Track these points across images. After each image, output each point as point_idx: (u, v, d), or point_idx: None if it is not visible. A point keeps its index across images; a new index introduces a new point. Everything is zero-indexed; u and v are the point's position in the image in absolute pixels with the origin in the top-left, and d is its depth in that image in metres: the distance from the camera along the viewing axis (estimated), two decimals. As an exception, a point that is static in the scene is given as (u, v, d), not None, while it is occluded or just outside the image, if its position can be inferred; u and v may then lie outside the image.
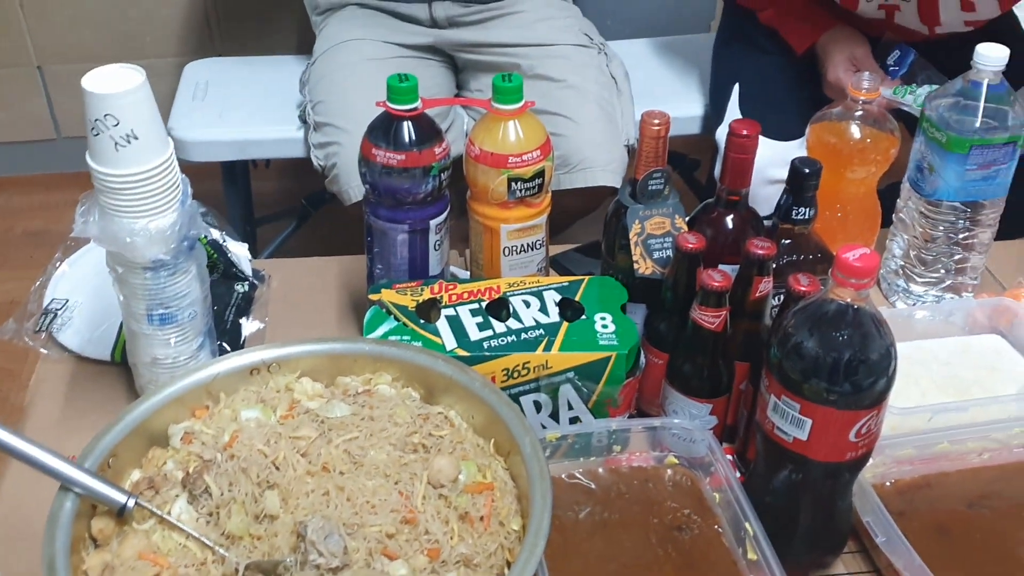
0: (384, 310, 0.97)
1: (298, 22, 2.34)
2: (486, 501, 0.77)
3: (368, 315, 0.97)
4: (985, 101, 1.10)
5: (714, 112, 1.69)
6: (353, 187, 1.53)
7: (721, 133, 1.60)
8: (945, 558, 0.84)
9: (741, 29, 1.61)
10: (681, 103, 1.90)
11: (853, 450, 0.77)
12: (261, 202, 2.22)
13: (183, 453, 0.81)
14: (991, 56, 1.08)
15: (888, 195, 1.21)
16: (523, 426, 0.80)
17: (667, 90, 1.93)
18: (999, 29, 1.39)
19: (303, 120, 1.68)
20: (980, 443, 0.94)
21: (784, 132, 1.39)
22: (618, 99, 1.60)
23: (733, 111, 1.58)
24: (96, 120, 0.83)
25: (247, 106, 1.82)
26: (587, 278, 1.03)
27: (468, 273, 1.15)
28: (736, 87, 1.58)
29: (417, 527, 0.74)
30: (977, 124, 1.09)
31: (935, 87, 1.34)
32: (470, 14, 1.62)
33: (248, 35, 2.44)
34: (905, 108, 1.37)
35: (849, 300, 0.74)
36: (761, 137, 0.98)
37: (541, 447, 0.78)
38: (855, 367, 0.74)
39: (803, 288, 0.87)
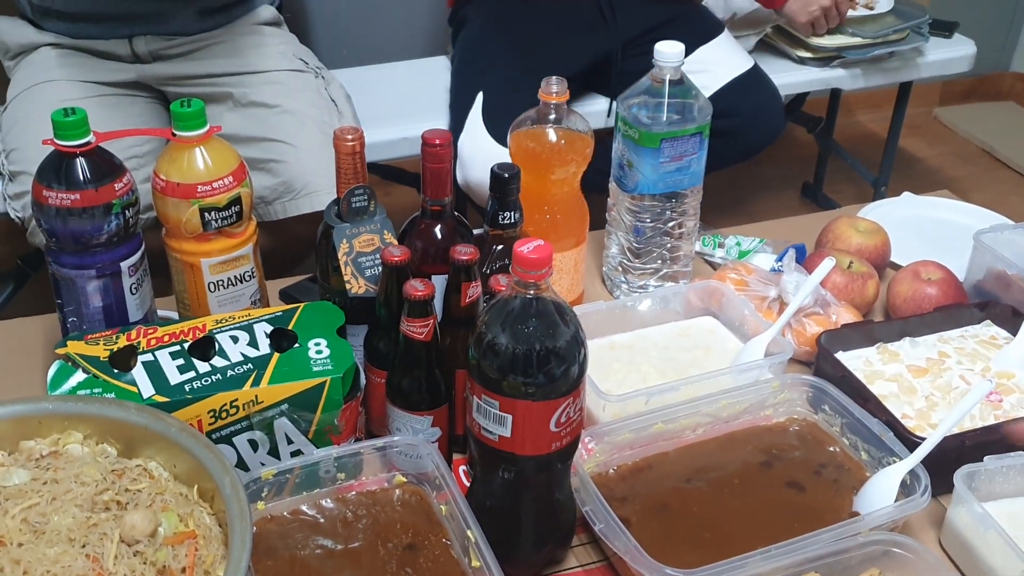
0: (71, 363, 0.89)
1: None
2: (188, 551, 0.72)
3: (52, 371, 0.88)
4: (669, 96, 1.16)
5: (455, 124, 1.78)
6: None
7: (461, 140, 1.65)
8: (666, 535, 0.87)
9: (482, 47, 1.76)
10: (419, 123, 1.91)
11: (557, 440, 0.78)
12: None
13: None
14: (669, 53, 1.14)
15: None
16: (222, 466, 0.75)
17: (403, 111, 1.94)
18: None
19: (-1, 172, 1.55)
20: (692, 419, 0.98)
21: None
22: (340, 122, 1.57)
23: (475, 117, 1.68)
24: None
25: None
26: (302, 305, 0.99)
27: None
28: (480, 96, 1.70)
29: (107, 591, 0.68)
30: (664, 118, 1.15)
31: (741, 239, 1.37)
32: (174, 47, 1.55)
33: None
34: (713, 259, 1.37)
35: (531, 293, 0.75)
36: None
37: (243, 487, 0.73)
38: (545, 357, 0.74)
39: (503, 288, 0.88)
